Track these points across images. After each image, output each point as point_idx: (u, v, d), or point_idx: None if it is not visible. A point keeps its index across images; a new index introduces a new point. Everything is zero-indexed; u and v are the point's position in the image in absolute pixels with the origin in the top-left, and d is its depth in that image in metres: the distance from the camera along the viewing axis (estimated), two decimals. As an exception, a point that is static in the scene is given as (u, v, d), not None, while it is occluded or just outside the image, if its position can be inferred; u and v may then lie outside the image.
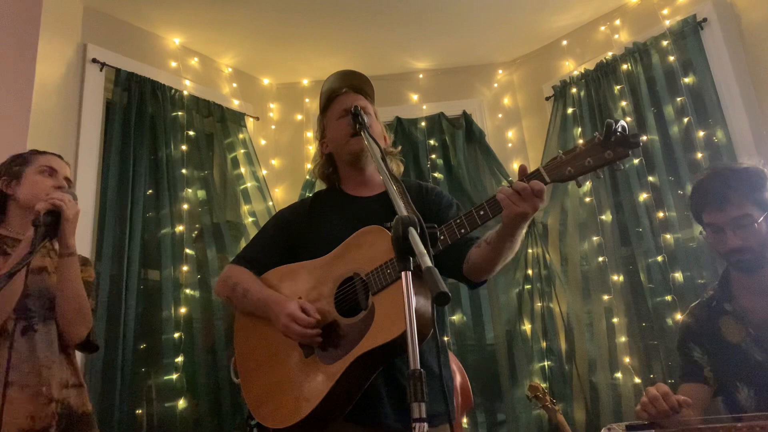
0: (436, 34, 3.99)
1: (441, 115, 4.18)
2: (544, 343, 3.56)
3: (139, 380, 3.07)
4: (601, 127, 1.46)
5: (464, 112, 4.17)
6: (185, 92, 3.72)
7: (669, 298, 3.16)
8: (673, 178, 3.33)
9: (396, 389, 1.70)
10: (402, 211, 1.42)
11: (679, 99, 3.35)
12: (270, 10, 3.63)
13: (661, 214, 3.30)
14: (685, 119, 3.31)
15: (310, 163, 4.02)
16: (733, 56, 3.27)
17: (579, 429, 3.35)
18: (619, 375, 3.29)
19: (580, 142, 1.51)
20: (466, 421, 3.33)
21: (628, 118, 3.48)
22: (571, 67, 4.00)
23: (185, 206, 3.47)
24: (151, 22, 3.67)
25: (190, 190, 3.56)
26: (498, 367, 3.57)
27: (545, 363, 3.53)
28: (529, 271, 3.70)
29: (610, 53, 3.73)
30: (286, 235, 2.03)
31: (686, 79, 3.37)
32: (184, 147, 3.60)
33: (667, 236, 3.26)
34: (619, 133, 1.43)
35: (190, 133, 3.69)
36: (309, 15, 3.70)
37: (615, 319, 3.38)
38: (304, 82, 4.38)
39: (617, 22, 3.81)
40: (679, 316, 3.00)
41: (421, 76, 4.36)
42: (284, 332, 1.73)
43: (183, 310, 3.27)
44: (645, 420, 1.58)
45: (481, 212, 1.59)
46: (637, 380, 3.24)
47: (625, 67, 3.63)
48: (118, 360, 2.90)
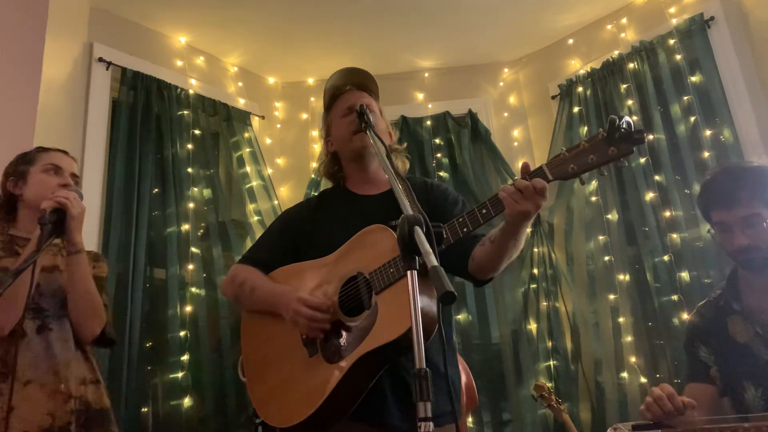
0: (442, 33, 3.98)
1: (446, 114, 4.17)
2: (550, 343, 3.55)
3: (145, 378, 3.08)
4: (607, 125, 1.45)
5: (470, 111, 4.16)
6: (191, 91, 3.73)
7: (675, 297, 3.15)
8: (680, 177, 3.31)
9: (401, 388, 1.69)
10: (407, 210, 1.42)
11: (685, 98, 3.34)
12: (276, 9, 3.63)
13: (667, 214, 3.29)
14: (692, 118, 3.29)
15: (316, 162, 4.01)
16: (741, 55, 3.25)
17: (585, 429, 3.34)
18: (625, 375, 3.27)
19: (583, 139, 1.50)
20: (471, 420, 3.33)
21: (635, 117, 3.46)
22: (577, 66, 3.99)
23: (191, 205, 3.48)
24: (157, 21, 3.68)
25: (195, 189, 3.56)
26: (503, 367, 3.56)
27: (551, 362, 3.52)
28: (535, 271, 3.69)
29: (617, 52, 3.72)
30: (292, 235, 2.03)
31: (693, 78, 3.35)
32: (189, 146, 3.61)
33: (674, 235, 3.24)
34: (624, 130, 1.42)
35: (196, 131, 3.69)
36: (314, 14, 3.70)
37: (621, 319, 3.37)
38: (310, 81, 4.38)
39: (624, 20, 3.80)
40: (685, 316, 2.99)
41: (426, 75, 4.35)
42: (294, 318, 1.73)
43: (189, 309, 3.27)
44: (649, 420, 1.57)
45: (484, 210, 1.59)
46: (643, 380, 3.22)
47: (631, 65, 3.62)
48: (124, 358, 2.90)
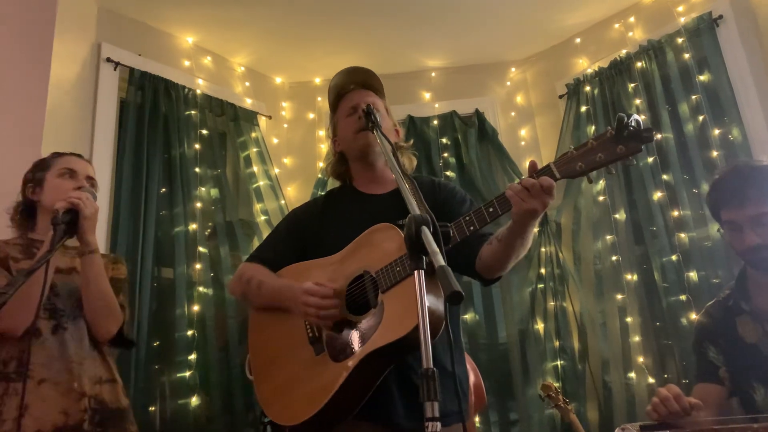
0: (449, 32, 3.97)
1: (453, 113, 4.17)
2: (557, 343, 3.54)
3: (153, 377, 3.09)
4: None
5: (477, 111, 4.15)
6: (198, 91, 3.74)
7: (683, 297, 3.13)
8: (688, 176, 3.30)
9: (408, 387, 1.69)
10: (414, 210, 1.42)
11: (694, 97, 3.32)
12: (282, 9, 3.63)
13: (675, 213, 3.28)
14: (700, 117, 3.27)
15: (323, 162, 4.04)
16: (749, 53, 3.23)
17: (592, 429, 3.32)
18: (632, 375, 3.26)
19: (591, 137, 1.49)
20: (478, 420, 3.33)
21: (643, 116, 3.45)
22: (584, 65, 3.97)
23: (198, 205, 3.49)
24: (165, 21, 3.69)
25: (203, 189, 3.57)
26: (510, 366, 3.55)
27: (558, 362, 3.51)
28: (542, 270, 3.68)
29: (624, 51, 3.70)
30: (299, 234, 2.04)
31: (701, 77, 3.33)
32: (197, 146, 3.62)
33: (682, 235, 3.23)
34: (632, 128, 1.41)
35: (203, 131, 3.70)
36: (321, 14, 3.71)
37: (629, 319, 3.36)
38: (317, 80, 4.39)
39: (631, 19, 3.78)
40: (693, 316, 2.98)
41: (433, 74, 4.35)
42: (302, 309, 1.73)
43: (196, 308, 3.28)
44: (655, 421, 1.56)
45: (491, 209, 1.58)
46: (651, 380, 3.21)
47: (639, 64, 3.60)
48: (131, 357, 2.91)
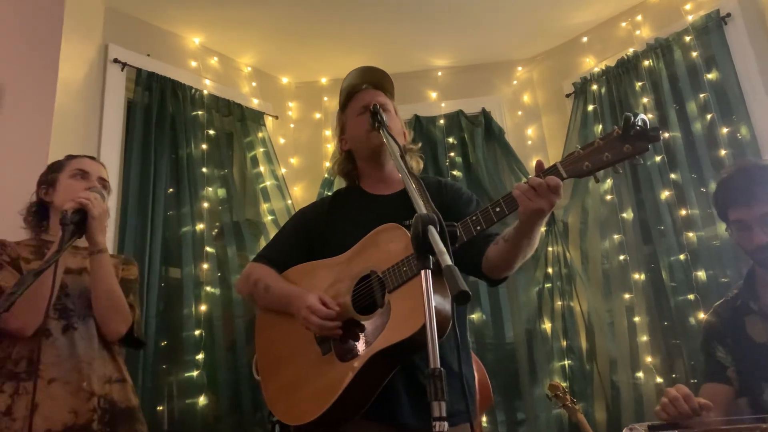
0: (455, 31, 3.97)
1: (460, 112, 4.17)
2: (565, 342, 3.53)
3: (161, 377, 3.10)
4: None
5: (483, 110, 4.15)
6: (205, 91, 3.75)
7: (692, 296, 3.12)
8: (696, 175, 3.28)
9: (415, 387, 1.69)
10: (421, 210, 1.42)
11: (702, 95, 3.31)
12: (288, 9, 3.64)
13: (683, 212, 3.26)
14: (708, 116, 3.26)
15: (329, 162, 4.04)
16: (758, 51, 3.21)
17: (600, 429, 3.31)
18: (640, 374, 3.25)
19: (598, 137, 1.49)
20: (485, 419, 3.32)
21: (650, 115, 3.44)
22: (591, 64, 3.96)
23: (205, 205, 3.50)
24: (171, 22, 3.70)
25: (210, 189, 3.59)
26: (518, 366, 3.55)
27: (565, 362, 3.50)
28: (550, 270, 3.67)
29: (632, 49, 3.69)
30: (306, 234, 2.04)
31: (709, 75, 3.32)
32: (204, 146, 3.63)
33: (690, 234, 3.21)
34: (639, 127, 1.40)
35: (210, 132, 3.72)
36: (327, 13, 3.71)
37: (636, 318, 3.35)
38: (323, 80, 4.39)
39: (639, 17, 3.77)
40: (702, 315, 2.96)
41: (439, 73, 4.34)
42: (305, 324, 1.74)
43: (203, 308, 3.29)
44: (664, 421, 1.55)
45: (497, 209, 1.58)
46: (659, 380, 3.20)
47: (646, 63, 3.59)
48: (139, 357, 2.92)
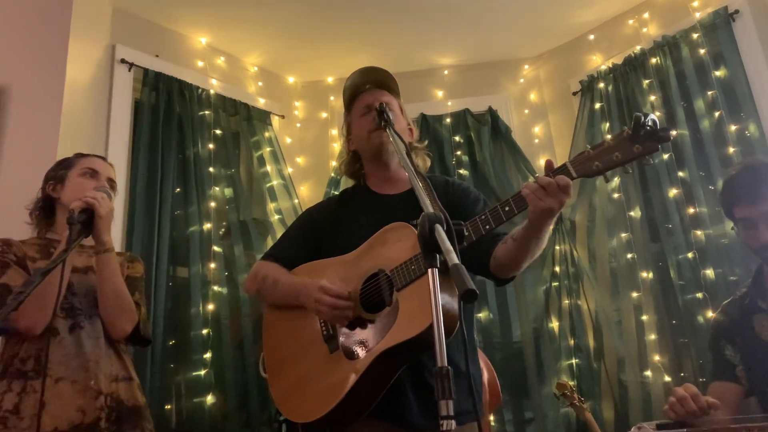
0: (461, 29, 3.96)
1: (466, 111, 4.16)
2: (572, 341, 3.53)
3: (168, 376, 3.11)
4: (630, 123, 1.44)
5: (490, 108, 4.14)
6: (212, 91, 3.76)
7: (700, 295, 3.10)
8: (704, 173, 3.26)
9: (422, 386, 1.70)
10: (428, 208, 1.42)
11: (710, 93, 3.29)
12: (294, 8, 3.64)
13: (691, 210, 3.25)
14: (716, 113, 3.24)
15: (335, 161, 4.04)
16: (767, 48, 3.19)
17: (608, 428, 3.31)
18: (648, 373, 3.24)
19: (608, 137, 1.49)
20: (493, 418, 3.32)
21: (658, 113, 3.42)
22: (598, 62, 3.95)
23: (212, 204, 3.51)
24: (178, 22, 3.71)
25: (217, 188, 3.59)
26: (525, 365, 3.54)
27: (573, 361, 3.49)
28: (557, 268, 3.67)
29: (639, 47, 3.67)
30: (314, 233, 2.04)
31: (717, 73, 3.30)
32: (211, 145, 3.64)
33: (698, 232, 3.20)
34: (649, 127, 1.40)
35: (217, 131, 3.73)
36: (333, 13, 3.71)
37: (644, 317, 3.33)
38: (329, 79, 4.40)
39: (646, 15, 3.75)
40: (710, 314, 2.95)
41: (446, 72, 4.34)
42: (316, 307, 1.73)
43: (211, 307, 3.30)
44: (672, 420, 1.55)
45: (506, 208, 1.58)
46: (667, 379, 3.19)
47: (654, 60, 3.57)
48: (147, 356, 2.94)
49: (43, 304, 1.79)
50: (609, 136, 1.49)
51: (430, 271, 1.17)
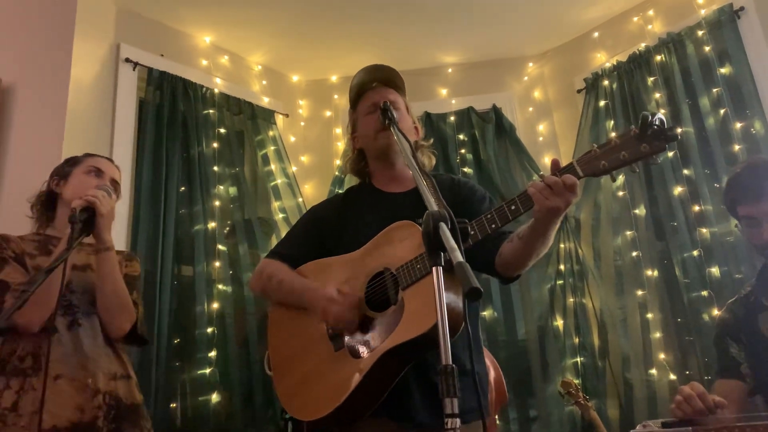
0: (465, 27, 3.96)
1: (470, 109, 4.15)
2: (577, 339, 3.52)
3: (174, 374, 3.12)
4: (634, 120, 1.44)
5: (494, 106, 4.14)
6: (216, 90, 3.76)
7: (705, 293, 3.09)
8: (709, 171, 3.26)
9: (428, 385, 1.69)
10: (432, 206, 1.41)
11: (715, 90, 3.28)
12: (298, 7, 3.64)
13: (696, 208, 3.24)
14: (722, 111, 3.23)
15: (339, 160, 4.04)
16: (772, 45, 3.19)
17: (613, 426, 3.30)
18: (653, 371, 3.23)
19: (615, 136, 1.48)
20: (497, 416, 3.31)
21: (663, 111, 3.41)
22: (603, 59, 3.94)
23: (217, 203, 3.51)
24: (182, 21, 3.72)
25: (221, 187, 3.60)
26: (530, 363, 3.54)
27: (578, 359, 3.49)
28: (562, 267, 3.66)
29: (643, 44, 3.66)
30: (319, 231, 2.04)
31: (722, 70, 3.29)
32: (215, 144, 3.64)
33: (703, 230, 3.19)
34: (656, 126, 1.40)
35: (221, 130, 3.73)
36: (337, 11, 3.71)
37: (649, 315, 3.33)
38: (333, 78, 4.40)
39: (650, 12, 3.74)
40: (715, 312, 2.94)
41: (450, 70, 4.33)
42: (323, 316, 1.74)
43: (216, 306, 3.31)
44: (678, 419, 1.55)
45: (512, 207, 1.57)
46: (673, 377, 3.18)
47: (658, 58, 3.56)
48: (152, 354, 2.94)
49: (43, 302, 1.79)
50: (615, 135, 1.48)
51: (434, 269, 1.17)
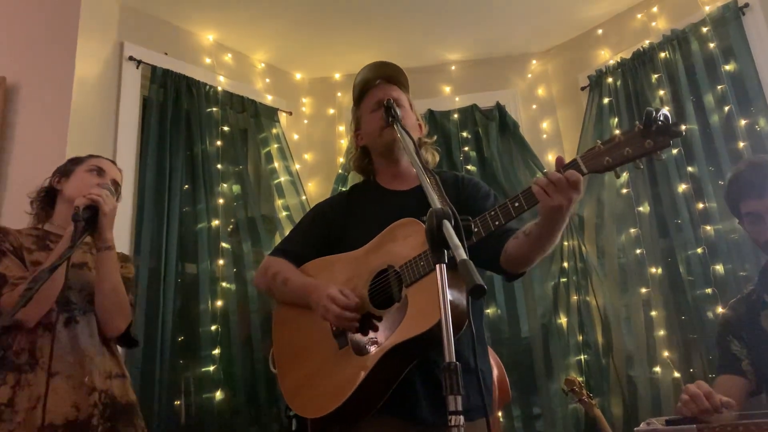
0: (469, 25, 3.95)
1: (474, 106, 4.14)
2: (581, 337, 3.51)
3: (178, 372, 3.12)
4: (639, 118, 1.43)
5: (497, 104, 4.13)
6: (219, 88, 3.76)
7: (709, 291, 3.08)
8: (714, 168, 3.24)
9: (432, 383, 1.70)
10: (436, 204, 1.41)
11: (719, 87, 3.26)
12: (302, 5, 3.64)
13: (700, 205, 3.23)
14: (726, 108, 3.21)
15: (343, 157, 4.04)
16: (777, 42, 3.17)
17: (616, 423, 3.30)
18: (657, 369, 3.23)
19: (619, 132, 1.48)
20: (501, 414, 3.31)
21: (667, 108, 3.39)
22: (606, 57, 3.93)
23: (221, 201, 3.51)
24: (186, 19, 3.72)
25: (225, 185, 3.60)
26: (533, 361, 3.52)
27: (581, 356, 3.48)
28: (565, 264, 3.65)
29: (648, 41, 3.65)
30: (323, 229, 2.05)
31: (727, 67, 3.27)
32: (219, 142, 3.64)
33: (707, 228, 3.18)
34: (661, 122, 1.39)
35: (225, 128, 3.73)
36: (340, 9, 3.71)
37: (653, 313, 3.32)
38: (336, 76, 4.39)
39: (654, 9, 3.73)
40: (719, 309, 2.94)
41: (453, 67, 4.33)
42: (324, 315, 1.74)
43: (219, 303, 3.31)
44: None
45: (516, 204, 1.57)
46: (677, 374, 3.17)
47: (663, 55, 3.55)
48: (156, 352, 2.95)
49: (43, 300, 1.80)
50: (619, 131, 1.48)
51: (438, 266, 1.16)
